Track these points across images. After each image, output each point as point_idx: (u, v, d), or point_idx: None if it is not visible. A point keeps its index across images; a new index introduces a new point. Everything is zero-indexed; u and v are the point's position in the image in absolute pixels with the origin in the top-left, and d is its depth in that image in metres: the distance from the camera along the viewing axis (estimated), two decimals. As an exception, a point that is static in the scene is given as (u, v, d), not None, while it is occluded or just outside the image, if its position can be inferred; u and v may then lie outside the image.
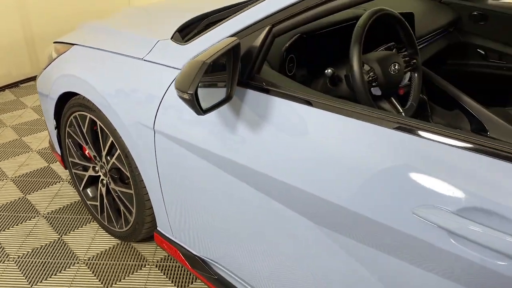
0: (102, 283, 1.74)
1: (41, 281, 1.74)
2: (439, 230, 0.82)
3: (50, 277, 1.76)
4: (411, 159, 0.87)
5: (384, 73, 1.34)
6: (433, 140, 0.85)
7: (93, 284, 1.74)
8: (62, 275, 1.78)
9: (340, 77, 1.40)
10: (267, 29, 1.11)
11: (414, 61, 1.48)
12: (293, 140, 1.05)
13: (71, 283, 1.74)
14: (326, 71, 1.36)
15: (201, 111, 1.01)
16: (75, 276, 1.77)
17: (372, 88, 1.34)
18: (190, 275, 1.78)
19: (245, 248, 1.32)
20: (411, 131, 0.88)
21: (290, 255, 1.16)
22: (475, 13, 2.17)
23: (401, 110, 1.41)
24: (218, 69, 1.07)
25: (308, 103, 1.05)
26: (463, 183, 0.80)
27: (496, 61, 2.18)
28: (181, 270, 1.81)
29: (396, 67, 1.37)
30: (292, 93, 1.09)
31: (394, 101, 1.41)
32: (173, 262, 1.85)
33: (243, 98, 1.17)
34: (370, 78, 1.32)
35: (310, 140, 1.02)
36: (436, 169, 0.84)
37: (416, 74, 1.50)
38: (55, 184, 2.36)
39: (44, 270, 1.80)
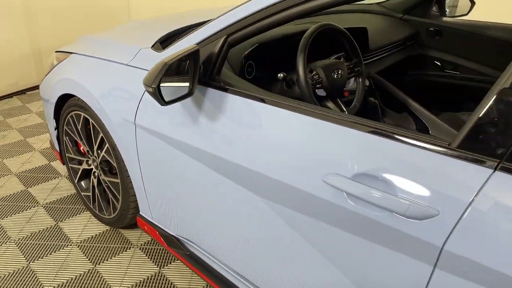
0: (91, 262, 1.97)
1: (38, 259, 1.98)
2: (339, 192, 1.06)
3: (46, 256, 2.00)
4: (327, 142, 1.10)
5: (328, 77, 1.58)
6: (347, 127, 1.07)
7: (83, 263, 1.97)
8: (57, 255, 2.01)
9: (293, 80, 1.65)
10: (223, 38, 1.36)
11: (358, 68, 1.73)
12: (246, 129, 1.29)
13: (64, 261, 1.97)
14: (278, 75, 1.62)
15: (163, 102, 1.26)
16: (68, 255, 2.01)
17: (317, 90, 1.58)
18: (169, 256, 2.01)
19: (211, 227, 1.55)
20: (335, 121, 1.10)
21: (244, 227, 1.39)
22: (431, 29, 2.43)
23: (345, 109, 1.66)
24: (183, 71, 1.32)
25: (260, 100, 1.28)
26: (357, 156, 1.04)
27: (451, 72, 2.43)
28: (161, 252, 2.04)
29: (340, 72, 1.62)
30: (245, 91, 1.34)
31: (339, 101, 1.65)
32: (156, 246, 2.08)
33: (205, 95, 1.41)
34: (314, 81, 1.56)
35: (260, 129, 1.26)
36: (342, 149, 1.07)
37: (360, 79, 1.74)
38: (54, 179, 2.61)
39: (41, 250, 2.03)
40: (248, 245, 1.41)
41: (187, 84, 1.34)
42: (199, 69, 1.37)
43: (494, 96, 0.88)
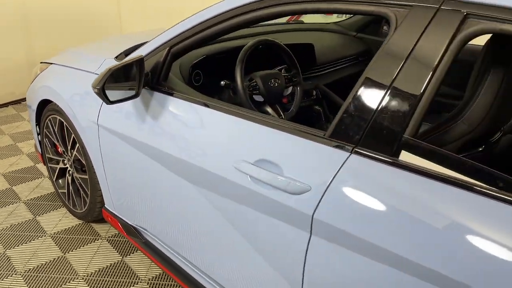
0: (61, 251, 2.18)
1: (14, 247, 2.19)
2: (244, 175, 1.27)
3: (21, 245, 2.21)
4: (241, 136, 1.32)
5: (265, 85, 1.81)
6: (257, 123, 1.28)
7: (54, 251, 2.18)
8: (31, 245, 2.22)
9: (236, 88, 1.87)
10: (166, 50, 1.60)
11: (296, 79, 1.96)
12: (185, 127, 1.51)
13: (37, 250, 2.18)
14: (221, 82, 1.85)
15: (108, 101, 1.49)
16: (41, 245, 2.22)
17: (254, 96, 1.81)
18: (132, 247, 2.21)
19: (158, 214, 1.76)
20: (250, 119, 1.31)
21: (181, 211, 1.61)
22: (382, 45, 2.65)
23: (282, 114, 1.88)
24: (130, 77, 1.55)
25: (197, 102, 1.49)
26: (259, 147, 1.26)
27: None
28: (125, 243, 2.24)
29: (277, 81, 1.85)
30: (186, 95, 1.56)
31: (277, 106, 1.88)
32: (121, 238, 2.28)
33: (152, 98, 1.64)
34: (252, 88, 1.79)
35: (194, 127, 1.48)
36: (250, 141, 1.29)
37: (298, 88, 1.97)
38: (37, 179, 2.84)
39: (18, 239, 2.25)
40: (185, 227, 1.62)
41: (134, 87, 1.57)
42: (146, 75, 1.60)
43: (354, 92, 1.10)
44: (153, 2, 4.60)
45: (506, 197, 0.86)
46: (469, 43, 1.01)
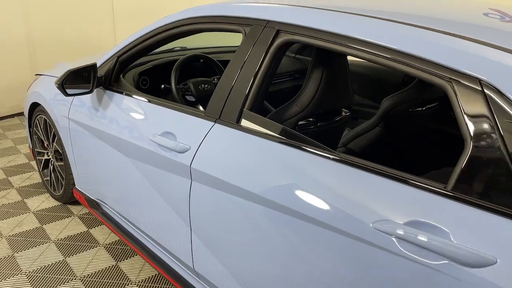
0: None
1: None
2: (153, 143, 1.79)
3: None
4: (157, 118, 1.85)
5: (196, 89, 2.35)
6: (168, 109, 1.81)
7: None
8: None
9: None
10: (115, 59, 2.15)
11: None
12: (126, 115, 2.02)
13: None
14: (161, 86, 2.39)
15: (66, 94, 2.03)
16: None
17: (187, 96, 2.35)
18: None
19: (111, 187, 2.27)
20: (170, 107, 1.83)
21: (123, 182, 2.11)
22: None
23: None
24: (87, 78, 2.09)
25: (138, 98, 2.02)
26: (166, 124, 1.78)
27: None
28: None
29: (206, 86, 2.38)
30: (129, 93, 2.09)
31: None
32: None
33: (105, 95, 2.18)
34: (185, 90, 2.33)
35: (133, 114, 1.99)
36: (160, 119, 1.82)
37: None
38: (29, 172, 3.38)
39: (6, 214, 2.77)
40: (124, 192, 2.13)
41: (89, 86, 2.12)
42: (100, 78, 2.15)
43: (219, 84, 1.63)
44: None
45: (303, 147, 1.34)
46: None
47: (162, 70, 2.52)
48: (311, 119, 1.73)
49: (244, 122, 1.52)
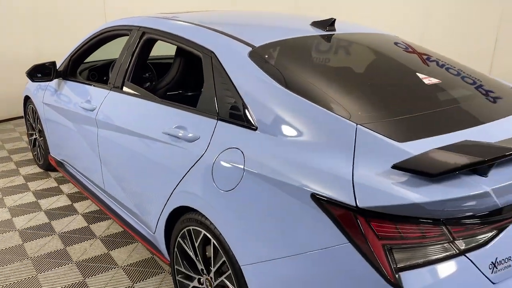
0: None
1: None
2: (88, 111, 2.77)
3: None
4: (93, 95, 2.83)
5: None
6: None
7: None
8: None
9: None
10: (68, 58, 3.17)
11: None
12: (78, 96, 3.01)
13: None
14: (104, 78, 3.37)
15: (32, 80, 3.06)
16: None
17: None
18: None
19: (70, 151, 3.25)
20: (98, 87, 2.83)
21: (76, 144, 3.10)
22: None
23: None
24: (49, 71, 3.12)
25: (86, 84, 3.03)
26: (95, 98, 2.76)
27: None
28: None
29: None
30: (79, 81, 3.09)
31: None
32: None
33: (63, 83, 3.19)
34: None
35: (83, 96, 2.98)
36: (95, 97, 2.80)
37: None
38: (27, 153, 4.43)
39: (11, 190, 3.79)
40: (76, 153, 3.10)
41: (50, 75, 3.14)
42: (59, 72, 3.17)
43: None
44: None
45: (152, 100, 2.30)
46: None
47: (104, 67, 3.53)
48: (172, 89, 2.68)
49: (125, 89, 2.48)
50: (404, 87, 1.87)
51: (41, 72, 3.10)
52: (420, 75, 1.89)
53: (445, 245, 1.26)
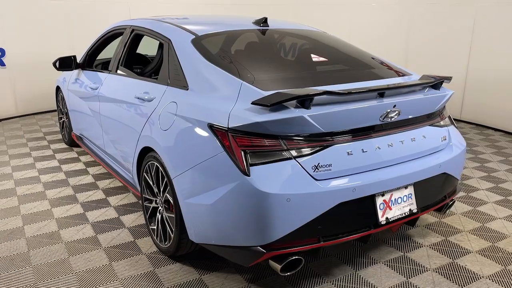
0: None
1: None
2: (92, 89, 3.65)
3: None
4: (100, 79, 3.71)
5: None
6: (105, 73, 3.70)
7: (64, 181, 4.61)
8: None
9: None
10: (86, 53, 4.09)
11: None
12: (93, 82, 3.90)
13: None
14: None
15: (57, 69, 3.99)
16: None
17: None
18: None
19: (85, 124, 4.14)
20: (103, 72, 3.72)
21: (87, 115, 3.99)
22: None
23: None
24: (70, 62, 4.04)
25: (96, 73, 3.92)
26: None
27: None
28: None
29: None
30: (94, 71, 3.99)
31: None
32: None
33: (82, 73, 4.11)
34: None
35: (96, 80, 3.86)
36: (100, 80, 3.69)
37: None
38: (57, 135, 5.40)
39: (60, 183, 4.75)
40: (86, 123, 3.98)
41: (72, 66, 4.06)
42: (79, 64, 4.08)
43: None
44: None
45: (134, 78, 3.15)
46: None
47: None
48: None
49: (119, 71, 3.34)
50: (294, 62, 2.62)
51: (65, 63, 4.02)
52: (314, 56, 2.61)
53: (282, 152, 1.99)
